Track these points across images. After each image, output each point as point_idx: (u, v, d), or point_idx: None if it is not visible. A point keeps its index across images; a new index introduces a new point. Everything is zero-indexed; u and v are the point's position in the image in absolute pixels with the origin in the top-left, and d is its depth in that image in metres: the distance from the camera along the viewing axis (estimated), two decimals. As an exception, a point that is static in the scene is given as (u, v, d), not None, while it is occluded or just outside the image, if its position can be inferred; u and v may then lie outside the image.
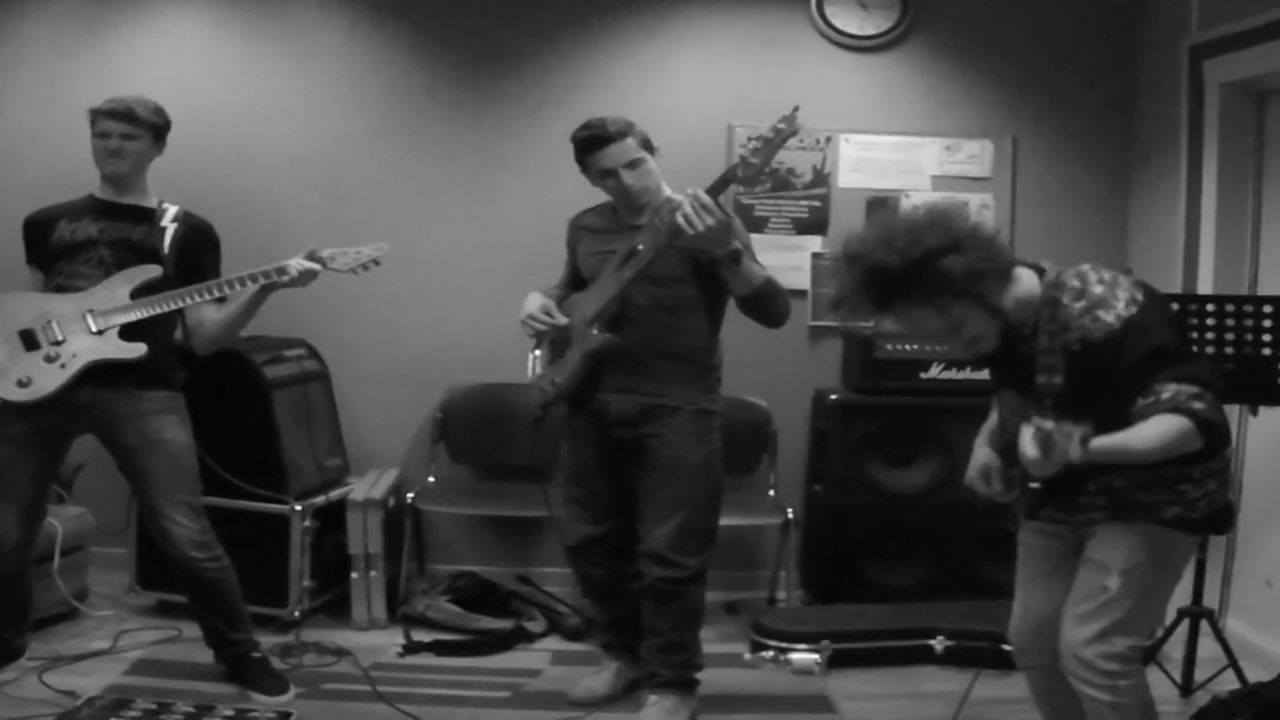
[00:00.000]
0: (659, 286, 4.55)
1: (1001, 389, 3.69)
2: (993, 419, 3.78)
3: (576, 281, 4.86)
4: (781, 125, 4.18)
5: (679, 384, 4.59)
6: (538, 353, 4.84)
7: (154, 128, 4.63)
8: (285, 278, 4.51)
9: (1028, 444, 3.05)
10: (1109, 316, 3.30)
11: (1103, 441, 3.14)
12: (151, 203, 4.70)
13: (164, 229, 4.64)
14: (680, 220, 4.19)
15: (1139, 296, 3.34)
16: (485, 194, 6.56)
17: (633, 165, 4.54)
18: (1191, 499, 3.41)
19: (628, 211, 4.65)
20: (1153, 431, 3.20)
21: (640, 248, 4.47)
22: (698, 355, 4.62)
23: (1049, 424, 3.01)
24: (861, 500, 6.15)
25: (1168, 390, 3.21)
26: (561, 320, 4.67)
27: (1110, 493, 3.45)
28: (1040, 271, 3.46)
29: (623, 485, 4.77)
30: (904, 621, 5.55)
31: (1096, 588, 3.46)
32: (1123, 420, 3.24)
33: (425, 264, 6.52)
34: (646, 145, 4.59)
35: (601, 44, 6.53)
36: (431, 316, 6.56)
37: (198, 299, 4.50)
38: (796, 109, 4.20)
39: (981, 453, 3.71)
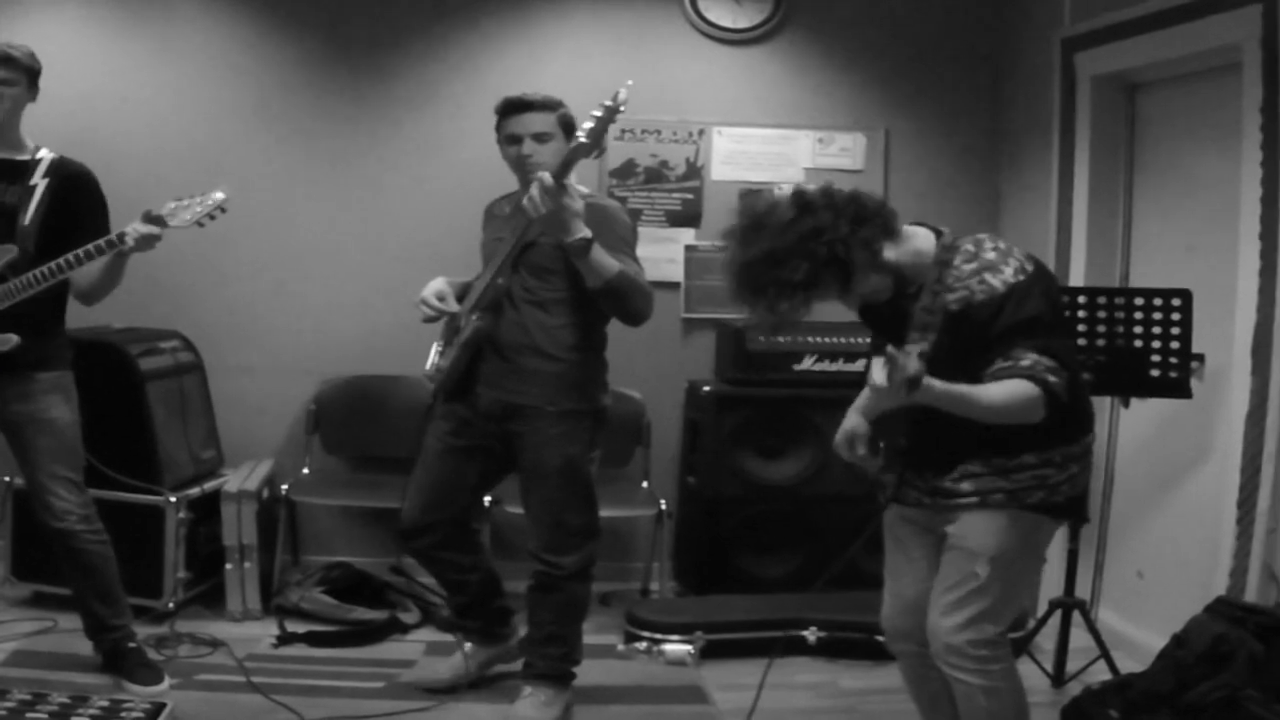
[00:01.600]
0: (535, 278, 4.52)
1: (876, 354, 3.71)
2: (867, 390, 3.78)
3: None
4: (610, 102, 4.19)
5: (544, 383, 4.54)
6: (439, 344, 4.83)
7: (29, 72, 4.50)
8: (126, 246, 4.38)
9: (876, 372, 3.04)
10: (995, 280, 3.33)
11: (949, 387, 3.15)
12: (26, 154, 4.58)
13: (33, 187, 4.50)
14: (525, 204, 4.22)
15: (1028, 267, 3.38)
16: (360, 184, 6.50)
17: (539, 138, 4.50)
18: (1054, 483, 3.45)
19: (527, 190, 4.48)
20: (999, 391, 3.24)
21: (518, 232, 4.48)
22: (567, 353, 4.55)
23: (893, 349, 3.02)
24: (734, 492, 6.17)
25: (1027, 358, 3.25)
26: (451, 307, 4.64)
27: (974, 477, 3.47)
28: (939, 234, 3.50)
29: (470, 479, 4.79)
30: (777, 612, 5.58)
31: (965, 574, 3.48)
32: (978, 381, 3.29)
33: (300, 255, 6.46)
34: (566, 128, 4.54)
35: (475, 35, 6.49)
36: (306, 308, 6.48)
37: (35, 288, 4.40)
38: (627, 85, 4.22)
39: (851, 419, 3.72)
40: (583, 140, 4.21)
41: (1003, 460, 3.44)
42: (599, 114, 4.20)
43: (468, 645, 5.02)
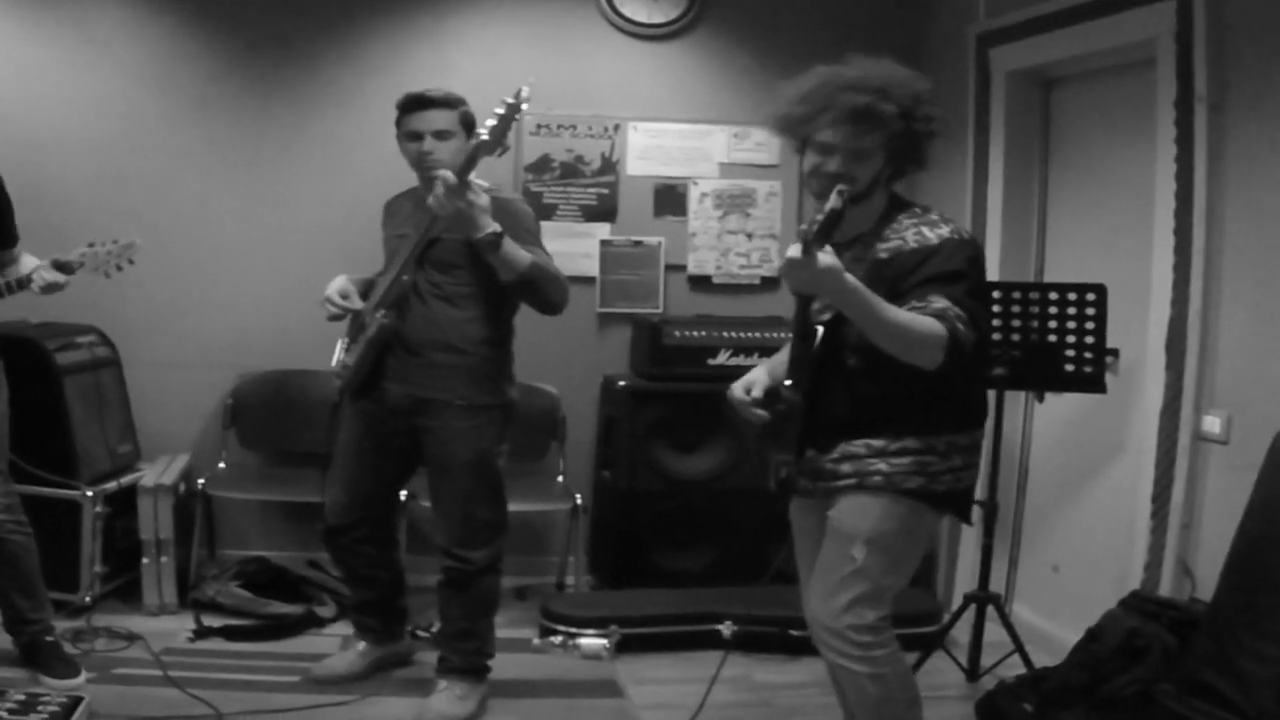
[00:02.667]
0: (442, 273, 4.53)
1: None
2: (783, 351, 3.73)
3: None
4: (511, 100, 4.21)
5: (453, 378, 4.54)
6: (344, 340, 4.81)
7: None
8: (32, 288, 4.41)
9: (791, 249, 3.07)
10: (931, 233, 3.37)
11: (860, 285, 3.12)
12: None
13: None
14: (430, 203, 4.24)
15: (965, 237, 3.42)
16: (276, 180, 6.44)
17: (440, 136, 4.50)
18: (934, 471, 3.45)
19: (426, 187, 4.50)
20: (906, 316, 3.21)
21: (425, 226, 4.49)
22: (476, 347, 4.56)
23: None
24: (650, 486, 6.17)
25: (941, 302, 3.24)
26: (355, 305, 4.65)
27: (854, 459, 3.48)
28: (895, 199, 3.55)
29: (388, 475, 4.82)
30: (692, 606, 5.60)
31: (842, 557, 3.49)
32: None
33: (217, 250, 6.39)
34: (467, 126, 4.55)
35: (389, 32, 6.44)
36: (223, 302, 6.42)
37: None
38: (530, 83, 4.25)
39: (757, 370, 3.65)
40: (485, 138, 4.22)
41: (884, 443, 3.45)
42: (501, 111, 4.22)
43: (361, 644, 5.06)
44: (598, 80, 6.63)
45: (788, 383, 3.38)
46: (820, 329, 3.43)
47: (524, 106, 4.23)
